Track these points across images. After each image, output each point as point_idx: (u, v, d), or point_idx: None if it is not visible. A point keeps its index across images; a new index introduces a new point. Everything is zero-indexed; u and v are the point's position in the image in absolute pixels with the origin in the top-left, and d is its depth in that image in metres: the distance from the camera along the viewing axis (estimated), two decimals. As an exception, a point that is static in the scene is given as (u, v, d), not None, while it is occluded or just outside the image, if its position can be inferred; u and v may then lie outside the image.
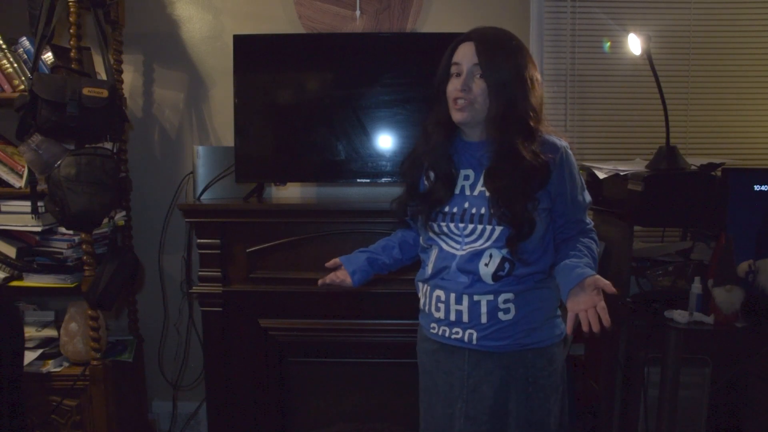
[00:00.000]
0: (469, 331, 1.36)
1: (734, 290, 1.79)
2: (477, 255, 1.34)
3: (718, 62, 2.47)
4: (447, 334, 1.40)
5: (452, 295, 1.37)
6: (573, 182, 1.38)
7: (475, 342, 1.36)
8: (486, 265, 1.33)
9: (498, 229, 1.33)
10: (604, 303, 1.24)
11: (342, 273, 1.55)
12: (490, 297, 1.34)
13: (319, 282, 1.57)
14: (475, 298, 1.34)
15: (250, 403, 2.22)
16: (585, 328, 1.23)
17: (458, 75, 1.35)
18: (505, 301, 1.34)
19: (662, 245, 2.26)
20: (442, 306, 1.39)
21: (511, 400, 1.37)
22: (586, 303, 1.25)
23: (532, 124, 1.33)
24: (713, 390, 2.14)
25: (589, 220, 1.44)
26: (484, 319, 1.35)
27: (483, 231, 1.34)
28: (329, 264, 1.57)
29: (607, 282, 1.25)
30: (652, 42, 1.97)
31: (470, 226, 1.35)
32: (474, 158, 1.39)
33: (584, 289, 1.26)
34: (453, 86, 1.35)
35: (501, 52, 1.32)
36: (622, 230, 2.04)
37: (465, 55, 1.34)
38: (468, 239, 1.36)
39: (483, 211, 1.34)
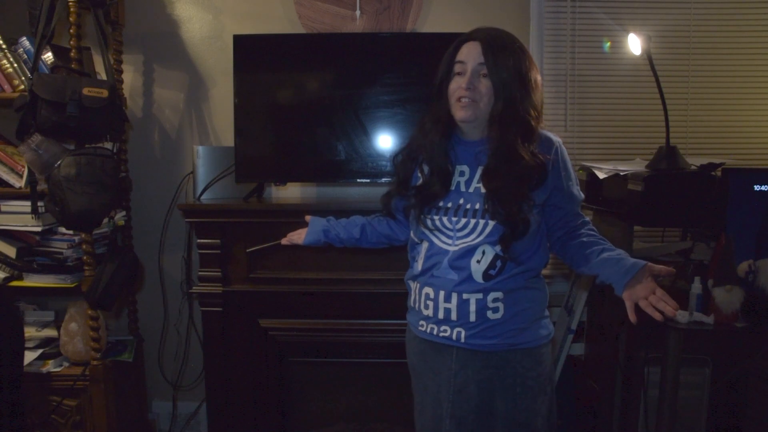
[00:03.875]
0: (457, 329, 1.36)
1: (734, 290, 1.79)
2: (470, 251, 1.34)
3: (718, 62, 2.47)
4: (435, 332, 1.40)
5: (441, 293, 1.37)
6: (568, 176, 1.39)
7: (463, 340, 1.36)
8: (478, 262, 1.34)
9: (491, 224, 1.33)
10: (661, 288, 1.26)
11: (304, 231, 1.68)
12: (479, 296, 1.34)
13: (283, 241, 1.73)
14: (464, 296, 1.35)
15: (250, 403, 2.22)
16: (655, 315, 1.24)
17: (461, 74, 1.35)
18: (494, 300, 1.34)
19: (662, 245, 2.26)
20: (431, 304, 1.39)
21: (498, 400, 1.37)
22: (644, 291, 1.25)
23: (533, 123, 1.34)
24: (713, 390, 2.14)
25: (583, 214, 1.46)
26: (472, 318, 1.35)
27: (476, 225, 1.34)
28: (306, 218, 1.71)
29: (662, 266, 1.28)
30: (652, 42, 1.97)
31: (463, 221, 1.35)
32: (470, 154, 1.40)
33: (639, 279, 1.27)
34: (457, 84, 1.35)
35: (506, 52, 1.32)
36: (622, 230, 2.04)
37: (470, 54, 1.34)
38: (460, 234, 1.36)
39: (477, 206, 1.35)
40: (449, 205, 1.38)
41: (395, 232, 1.62)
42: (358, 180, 2.30)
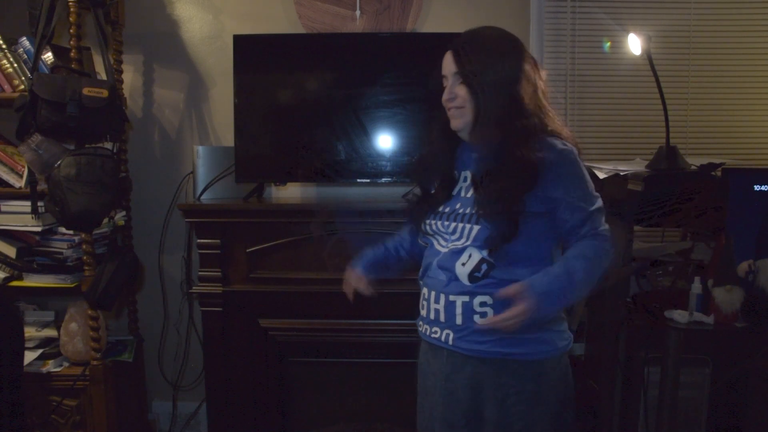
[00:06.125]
0: (446, 331, 1.36)
1: (734, 290, 1.79)
2: (456, 253, 1.34)
3: (718, 62, 2.47)
4: (428, 333, 1.41)
5: (432, 294, 1.38)
6: (566, 187, 1.29)
7: (451, 343, 1.35)
8: (463, 264, 1.32)
9: (476, 228, 1.32)
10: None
11: (361, 281, 1.55)
12: (465, 298, 1.32)
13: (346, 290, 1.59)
14: (451, 297, 1.34)
15: (250, 403, 2.22)
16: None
17: (446, 85, 1.37)
18: (482, 304, 1.31)
19: (662, 245, 2.26)
20: (425, 304, 1.41)
21: (486, 408, 1.34)
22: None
23: (519, 123, 1.29)
24: (713, 390, 2.14)
25: (600, 225, 1.31)
26: (458, 321, 1.33)
27: (463, 229, 1.34)
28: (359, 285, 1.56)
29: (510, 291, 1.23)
30: (652, 42, 1.97)
31: (453, 224, 1.36)
32: (472, 159, 1.41)
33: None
34: (443, 96, 1.37)
35: (479, 54, 1.31)
36: (622, 230, 2.03)
37: (446, 65, 1.36)
38: (452, 237, 1.36)
39: (468, 210, 1.35)
40: (447, 209, 1.39)
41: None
42: (358, 180, 2.30)
